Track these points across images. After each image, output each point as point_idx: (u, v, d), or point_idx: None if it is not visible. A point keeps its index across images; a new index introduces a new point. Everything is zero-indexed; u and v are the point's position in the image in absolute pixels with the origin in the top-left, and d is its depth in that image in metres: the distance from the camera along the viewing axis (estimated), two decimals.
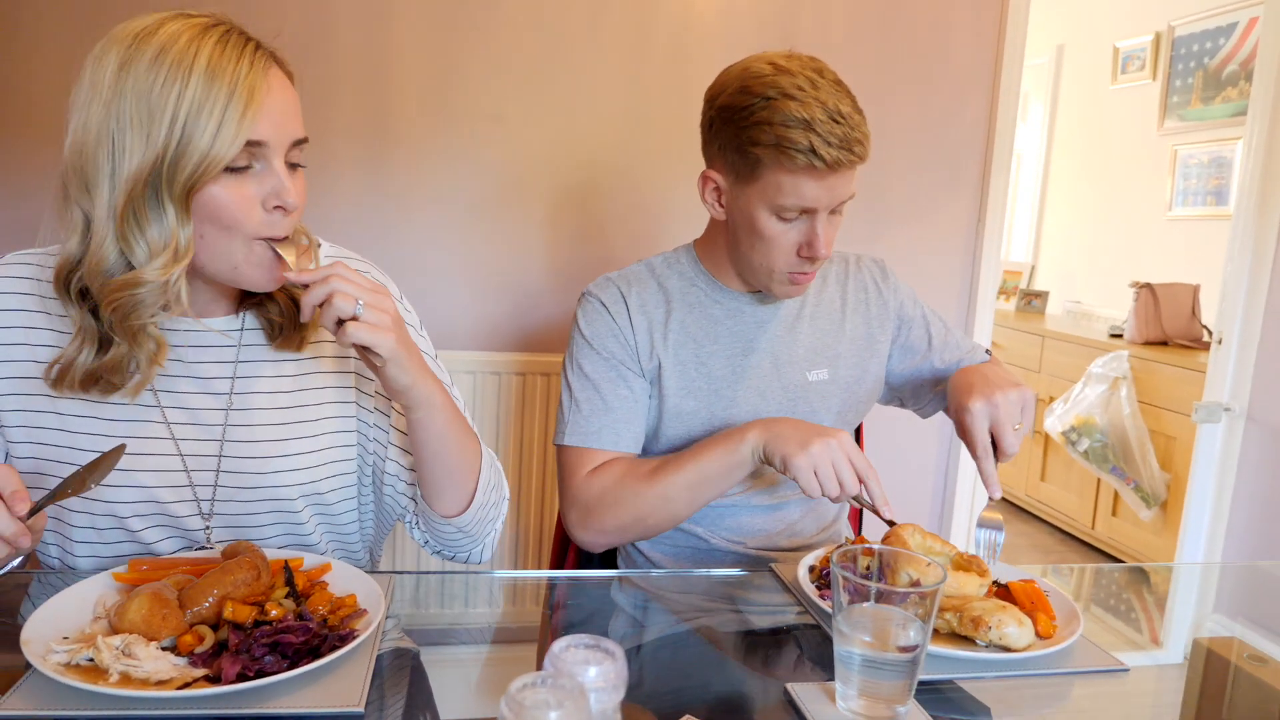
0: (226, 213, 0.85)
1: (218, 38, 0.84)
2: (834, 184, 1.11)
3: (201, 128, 0.81)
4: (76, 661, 0.76)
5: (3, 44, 1.86)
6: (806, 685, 0.82)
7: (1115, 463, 3.24)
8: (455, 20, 1.99)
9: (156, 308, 0.87)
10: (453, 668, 0.92)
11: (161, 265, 0.84)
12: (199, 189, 0.84)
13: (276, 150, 0.87)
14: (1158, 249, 3.80)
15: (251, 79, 0.84)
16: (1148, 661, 0.97)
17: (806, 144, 1.06)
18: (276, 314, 1.00)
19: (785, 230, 1.15)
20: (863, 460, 1.07)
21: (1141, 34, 3.87)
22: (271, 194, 0.87)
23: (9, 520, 0.77)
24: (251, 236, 0.87)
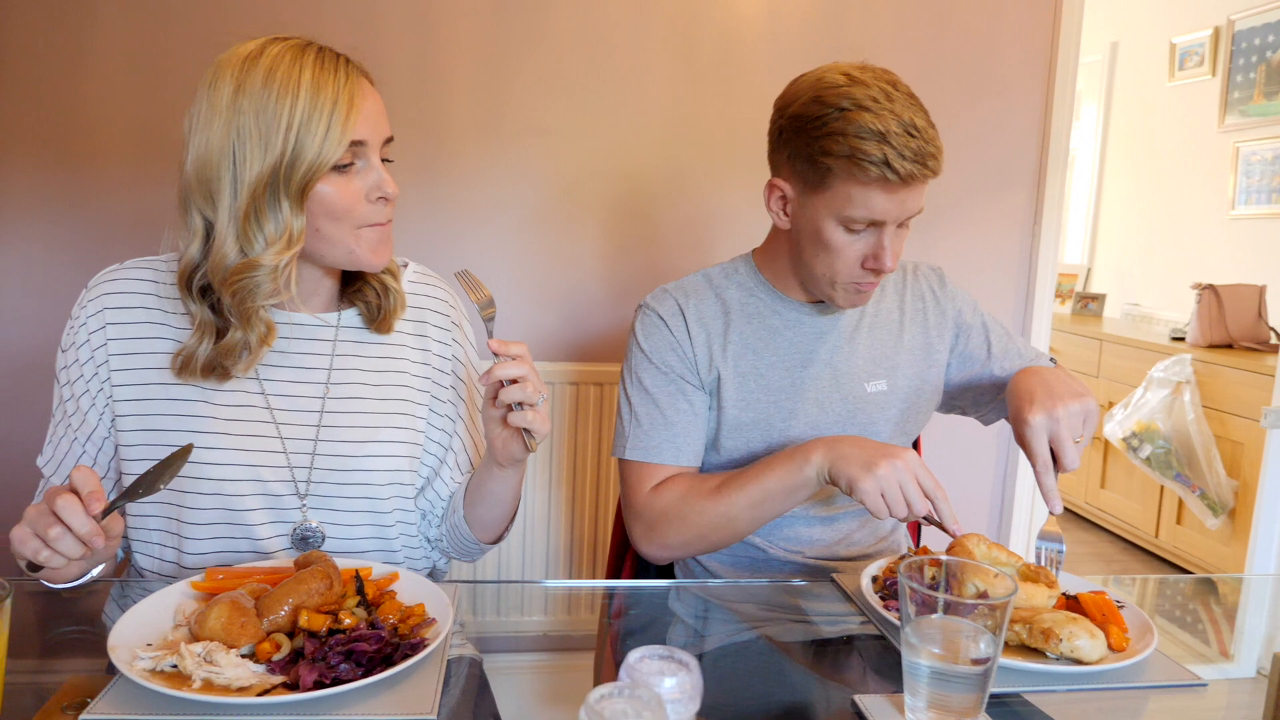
0: (337, 206, 0.98)
1: (315, 55, 0.97)
2: (904, 197, 1.10)
3: (312, 134, 0.94)
4: (161, 668, 0.78)
5: (74, 73, 1.93)
6: (874, 697, 0.81)
7: (1179, 469, 3.15)
8: (505, 36, 2.02)
9: (269, 291, 0.98)
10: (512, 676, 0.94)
11: (277, 251, 0.96)
12: (311, 187, 0.96)
13: (374, 148, 1.00)
14: (1220, 249, 3.70)
15: (349, 88, 0.96)
16: (1217, 675, 0.95)
17: (880, 156, 1.06)
18: (373, 297, 1.11)
19: (852, 241, 1.14)
20: (930, 479, 1.04)
21: (1199, 29, 3.77)
22: (374, 187, 1.00)
23: (84, 519, 0.81)
24: (359, 225, 1.00)
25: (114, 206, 1.97)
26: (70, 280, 1.92)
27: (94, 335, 1.05)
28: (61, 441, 1.07)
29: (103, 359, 1.05)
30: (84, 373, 1.05)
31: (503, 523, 1.16)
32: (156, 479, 0.88)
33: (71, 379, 1.05)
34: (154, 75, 1.94)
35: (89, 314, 1.05)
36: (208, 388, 1.04)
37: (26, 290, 1.99)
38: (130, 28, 1.93)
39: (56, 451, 1.07)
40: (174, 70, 1.94)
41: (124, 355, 1.05)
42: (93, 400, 1.05)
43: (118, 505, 0.86)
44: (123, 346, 1.05)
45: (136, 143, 1.96)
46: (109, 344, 1.05)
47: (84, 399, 1.05)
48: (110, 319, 1.05)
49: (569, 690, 0.90)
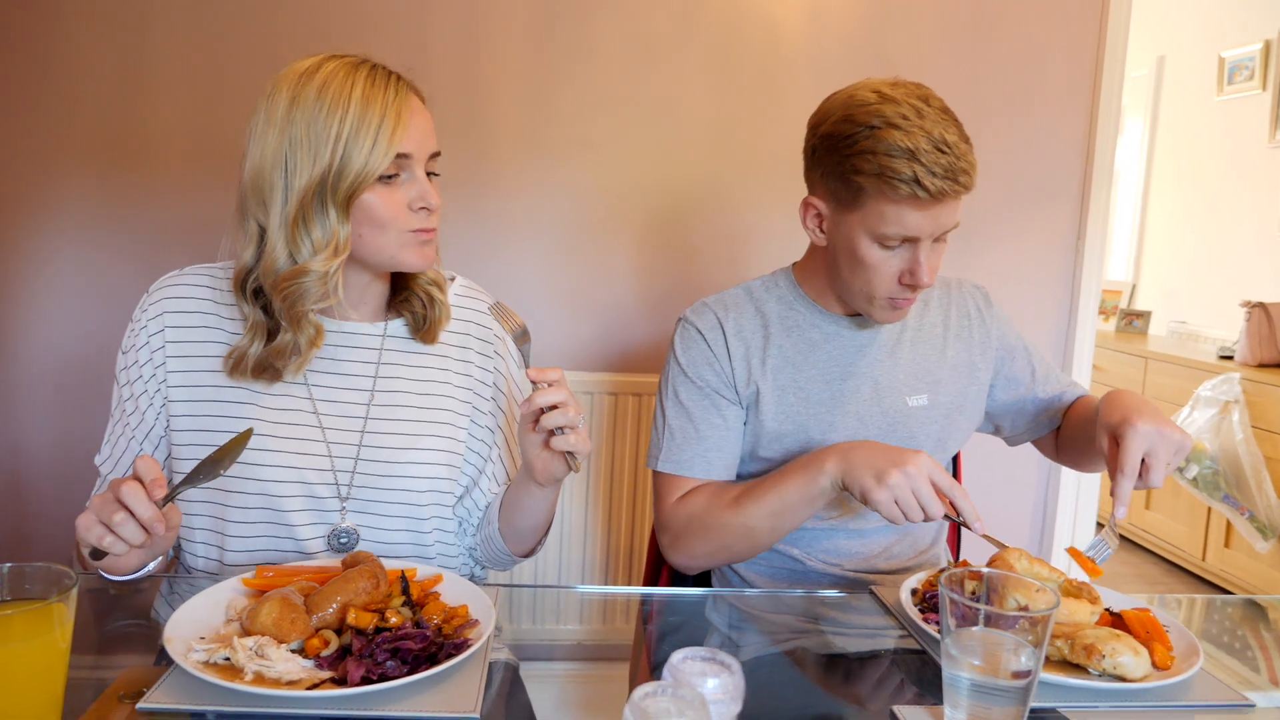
0: (381, 215, 1.02)
1: (367, 72, 1.01)
2: (938, 213, 1.10)
3: (359, 146, 0.98)
4: (214, 660, 0.81)
5: (131, 85, 2.00)
6: (914, 709, 0.81)
7: (1227, 491, 3.08)
8: (548, 49, 2.06)
9: (317, 296, 1.02)
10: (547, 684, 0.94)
11: (325, 258, 1.00)
12: (357, 196, 1.00)
13: (419, 161, 1.04)
14: (1270, 266, 3.62)
15: (398, 104, 1.00)
16: (1266, 703, 0.93)
17: (910, 174, 1.06)
18: (420, 307, 1.14)
19: (887, 258, 1.14)
20: (946, 479, 1.04)
21: (1249, 43, 3.71)
22: (417, 197, 1.03)
23: (147, 505, 0.85)
24: (400, 232, 1.04)
25: (169, 214, 2.03)
26: (127, 285, 1.98)
27: (153, 338, 1.09)
28: (119, 441, 1.11)
29: (160, 360, 1.08)
30: (143, 374, 1.09)
31: (537, 535, 1.19)
32: (218, 464, 0.92)
33: (131, 379, 1.09)
34: (208, 88, 2.00)
35: (149, 317, 1.09)
36: (258, 390, 1.08)
37: (86, 295, 2.05)
38: (186, 42, 1.99)
39: (114, 450, 1.11)
40: (227, 83, 2.00)
41: (181, 358, 1.09)
42: (150, 400, 1.09)
43: (180, 490, 0.89)
44: (180, 349, 1.09)
45: (191, 152, 2.02)
46: (167, 346, 1.09)
47: (142, 399, 1.09)
48: (169, 322, 1.09)
49: (603, 699, 0.91)
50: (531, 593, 1.15)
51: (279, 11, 1.99)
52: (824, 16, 2.10)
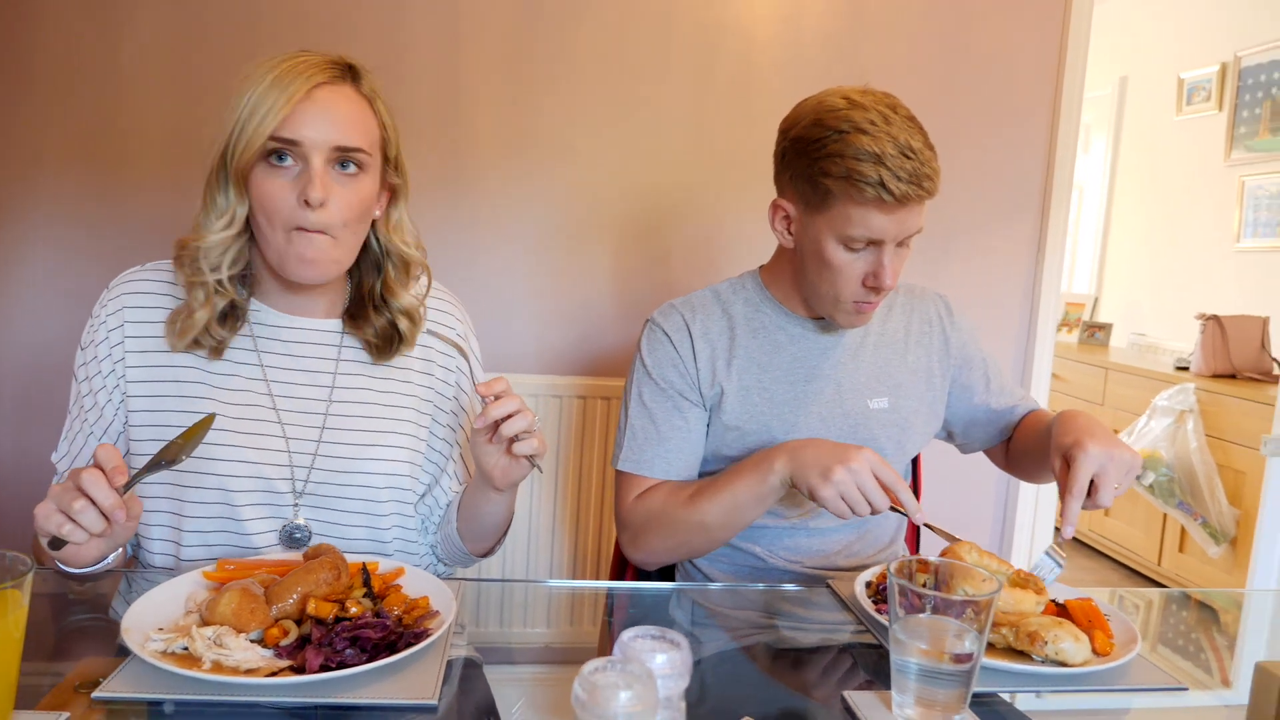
0: (266, 199, 1.01)
1: (304, 58, 1.01)
2: (902, 217, 1.13)
3: (254, 120, 0.98)
4: (172, 649, 0.81)
5: (108, 82, 1.99)
6: (864, 694, 0.83)
7: (1182, 498, 3.15)
8: (527, 55, 2.07)
9: (209, 266, 1.03)
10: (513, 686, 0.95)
11: (219, 229, 1.02)
12: (247, 171, 1.00)
13: (315, 149, 1.00)
14: (1225, 281, 3.72)
15: (308, 88, 0.99)
16: (1204, 689, 0.96)
17: (876, 177, 1.09)
18: (372, 335, 1.13)
19: (852, 260, 1.17)
20: (889, 473, 1.06)
21: (1207, 65, 3.82)
22: (302, 190, 1.00)
23: (108, 491, 0.84)
24: (286, 226, 1.01)
25: (146, 212, 2.02)
26: (103, 285, 1.96)
27: (112, 333, 1.08)
28: (77, 437, 1.10)
29: (120, 356, 1.08)
30: (101, 369, 1.08)
31: (496, 535, 1.20)
32: (179, 450, 0.92)
33: (90, 375, 1.09)
34: (186, 86, 2.00)
35: (109, 312, 1.09)
36: (217, 385, 1.08)
37: (60, 293, 2.03)
38: (164, 39, 1.98)
39: (72, 447, 1.11)
40: (205, 81, 2.00)
41: (140, 353, 1.08)
42: (109, 396, 1.08)
43: (141, 477, 0.89)
44: (140, 345, 1.08)
45: (168, 151, 2.01)
46: (126, 341, 1.08)
47: (101, 394, 1.08)
48: (129, 318, 1.09)
49: (569, 702, 0.92)
50: (499, 593, 1.15)
51: (258, 14, 1.99)
52: (799, 27, 2.13)
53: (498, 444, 1.03)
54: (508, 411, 0.99)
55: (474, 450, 1.06)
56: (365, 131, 1.04)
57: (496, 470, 1.05)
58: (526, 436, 1.01)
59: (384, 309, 1.14)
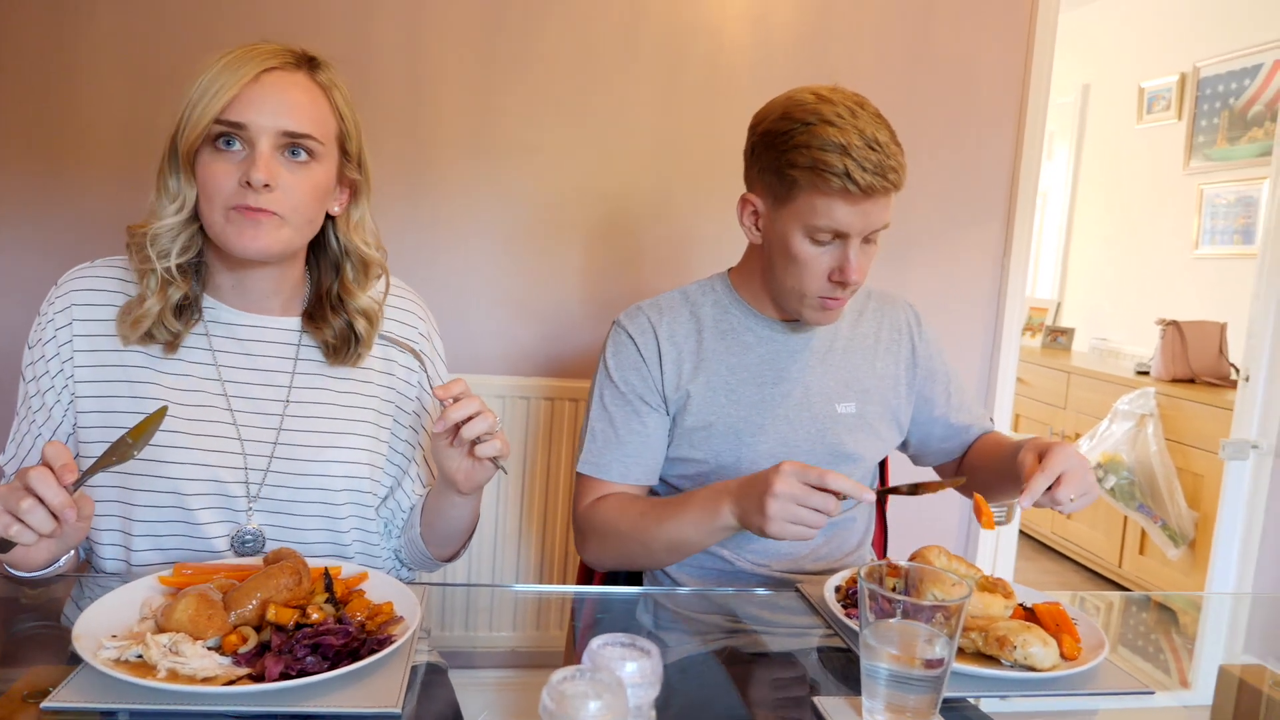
0: (208, 180, 0.99)
1: (261, 47, 1.00)
2: (868, 209, 1.13)
3: (203, 104, 0.96)
4: (126, 658, 0.78)
5: (64, 74, 1.94)
6: (833, 699, 0.83)
7: (1142, 500, 3.21)
8: (493, 53, 2.05)
9: (158, 252, 1.01)
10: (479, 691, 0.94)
11: (169, 214, 1.00)
12: (193, 153, 0.98)
13: (259, 134, 0.98)
14: (1184, 287, 3.79)
15: (256, 73, 0.98)
16: (1171, 686, 0.97)
17: (841, 168, 1.09)
18: (330, 336, 1.10)
19: (818, 254, 1.17)
20: (813, 473, 1.01)
21: (1167, 74, 3.89)
22: (246, 172, 0.98)
23: (57, 490, 0.81)
24: (225, 205, 0.99)
25: (102, 208, 1.96)
26: (55, 283, 1.91)
27: (60, 331, 1.05)
28: (25, 438, 1.07)
29: (68, 355, 1.05)
30: (49, 369, 1.05)
31: (461, 539, 1.18)
32: (130, 445, 0.89)
33: (37, 375, 1.06)
34: (142, 78, 1.95)
35: (56, 310, 1.06)
36: (169, 386, 1.04)
37: (11, 290, 1.97)
38: (123, 31, 1.94)
39: (20, 450, 1.07)
40: (162, 73, 1.95)
41: (89, 352, 1.05)
42: (58, 396, 1.05)
43: (91, 474, 0.86)
44: (88, 344, 1.05)
45: (126, 145, 1.96)
46: (75, 340, 1.05)
47: (49, 395, 1.05)
48: (78, 315, 1.06)
49: (536, 706, 0.90)
50: (464, 597, 1.13)
51: (218, 8, 1.95)
52: (768, 31, 2.14)
53: (459, 447, 1.01)
54: (467, 414, 0.98)
55: (436, 455, 1.04)
56: (317, 120, 1.02)
57: (460, 474, 1.04)
58: (488, 438, 0.99)
59: (341, 310, 1.11)
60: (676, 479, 1.32)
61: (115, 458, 0.88)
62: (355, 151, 1.08)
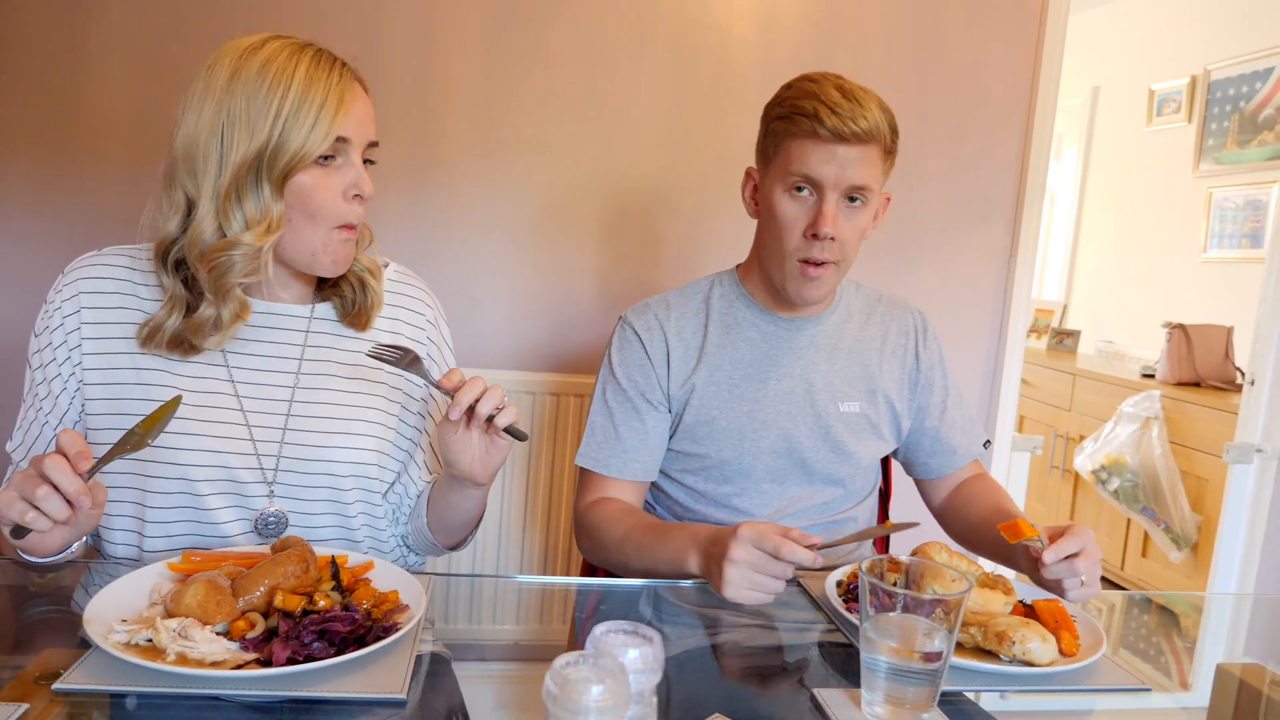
0: (313, 199, 1.01)
1: (312, 54, 1.01)
2: (843, 159, 1.16)
3: (299, 125, 0.98)
4: (136, 641, 0.79)
5: (72, 66, 1.95)
6: (833, 691, 0.84)
7: (1146, 503, 3.21)
8: (502, 50, 2.06)
9: (245, 271, 1.01)
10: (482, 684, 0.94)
11: (257, 234, 1.00)
12: (293, 175, 0.99)
13: (356, 147, 1.03)
14: (1191, 290, 3.79)
15: (340, 87, 1.01)
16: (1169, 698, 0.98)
17: (812, 110, 1.15)
18: (349, 293, 1.13)
19: (796, 212, 1.20)
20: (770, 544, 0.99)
21: (1177, 77, 3.88)
22: (351, 185, 1.03)
23: (72, 478, 0.83)
24: (331, 224, 1.03)
25: (110, 200, 1.98)
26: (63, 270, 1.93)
27: (68, 319, 1.06)
28: (32, 426, 1.08)
29: (75, 343, 1.06)
30: (56, 356, 1.06)
31: (469, 529, 1.20)
32: (145, 434, 0.90)
33: (44, 363, 1.07)
34: (152, 71, 1.97)
35: (64, 298, 1.07)
36: (177, 373, 1.06)
37: (20, 282, 1.99)
38: (131, 23, 1.95)
39: (26, 436, 1.08)
40: (172, 67, 1.97)
41: (97, 339, 1.06)
42: (64, 384, 1.06)
43: (106, 461, 0.87)
44: (96, 331, 1.06)
45: (133, 137, 1.98)
46: (83, 328, 1.06)
47: (55, 383, 1.06)
48: (85, 303, 1.07)
49: (539, 699, 0.91)
50: (468, 589, 1.14)
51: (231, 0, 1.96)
52: (775, 28, 2.14)
53: (476, 427, 1.02)
54: (477, 394, 0.99)
55: (447, 450, 1.04)
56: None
57: (476, 463, 1.04)
58: (501, 410, 1.00)
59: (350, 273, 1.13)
60: (680, 473, 1.33)
61: (129, 446, 0.90)
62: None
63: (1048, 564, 1.00)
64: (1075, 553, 1.00)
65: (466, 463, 1.04)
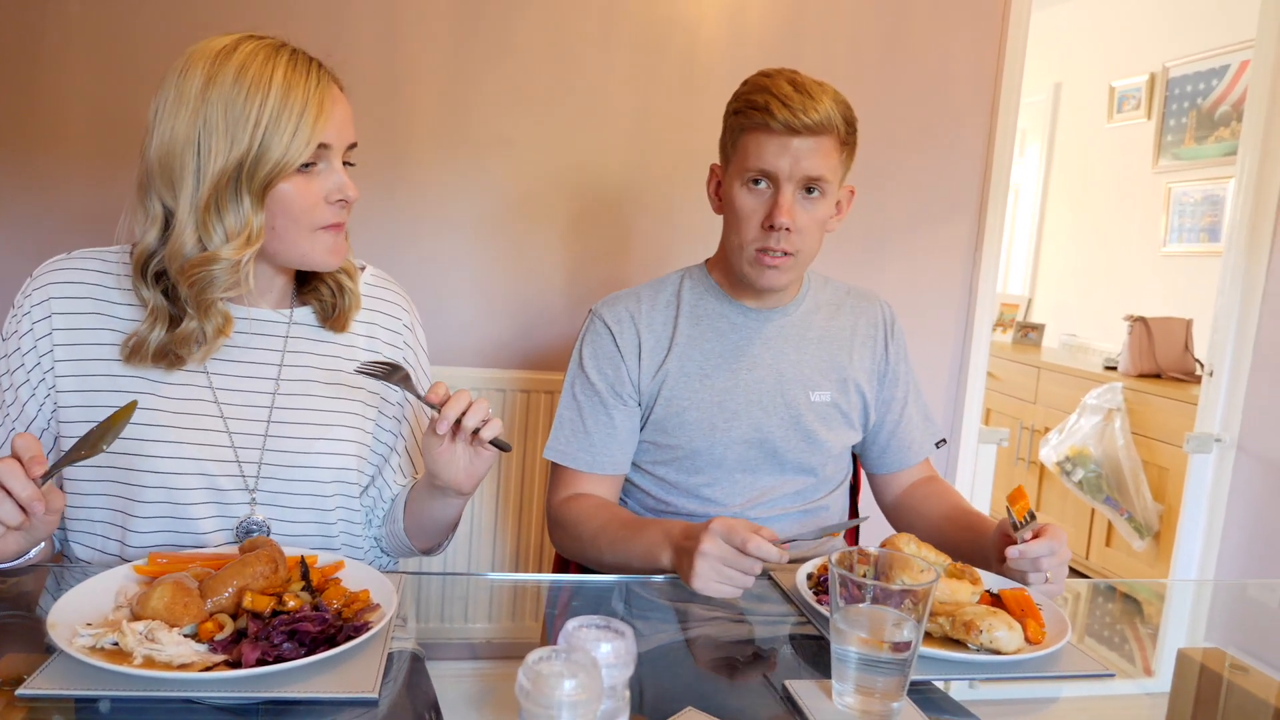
0: (296, 206, 0.99)
1: (288, 56, 0.98)
2: (797, 152, 1.18)
3: (280, 133, 0.95)
4: (101, 645, 0.78)
5: (31, 61, 1.91)
6: (805, 683, 0.84)
7: (1109, 493, 3.27)
8: (468, 45, 2.05)
9: (227, 284, 0.99)
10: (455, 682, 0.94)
11: (236, 247, 0.97)
12: (275, 185, 0.97)
13: (337, 151, 1.02)
14: (1152, 284, 3.86)
15: (320, 92, 0.98)
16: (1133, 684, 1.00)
17: (763, 103, 1.17)
18: (328, 295, 1.12)
19: (754, 204, 1.22)
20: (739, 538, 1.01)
21: (1137, 74, 3.95)
22: (335, 189, 1.01)
23: (25, 483, 0.82)
24: (313, 226, 1.01)
25: (72, 198, 1.94)
26: (25, 274, 1.89)
27: (38, 325, 1.03)
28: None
29: (46, 349, 1.03)
30: (25, 362, 1.03)
31: (446, 533, 1.20)
32: (99, 439, 0.88)
33: (11, 368, 1.04)
34: (114, 66, 1.93)
35: (33, 303, 1.04)
36: (154, 380, 1.04)
37: None
38: (91, 16, 1.91)
39: None
40: (135, 61, 1.93)
41: (70, 345, 1.04)
42: (32, 391, 1.04)
43: (60, 468, 0.86)
44: (69, 337, 1.04)
45: (95, 133, 1.94)
46: (54, 334, 1.03)
47: (23, 389, 1.04)
48: (56, 308, 1.04)
49: (512, 696, 0.91)
50: (440, 587, 1.14)
51: None
52: (742, 25, 2.15)
53: (462, 440, 1.01)
54: (463, 408, 0.98)
55: (434, 461, 1.03)
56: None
57: (461, 473, 1.04)
58: (487, 422, 1.00)
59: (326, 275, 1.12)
60: (652, 464, 1.34)
61: (84, 453, 0.88)
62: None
63: (1011, 558, 1.03)
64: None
65: (452, 474, 1.04)
